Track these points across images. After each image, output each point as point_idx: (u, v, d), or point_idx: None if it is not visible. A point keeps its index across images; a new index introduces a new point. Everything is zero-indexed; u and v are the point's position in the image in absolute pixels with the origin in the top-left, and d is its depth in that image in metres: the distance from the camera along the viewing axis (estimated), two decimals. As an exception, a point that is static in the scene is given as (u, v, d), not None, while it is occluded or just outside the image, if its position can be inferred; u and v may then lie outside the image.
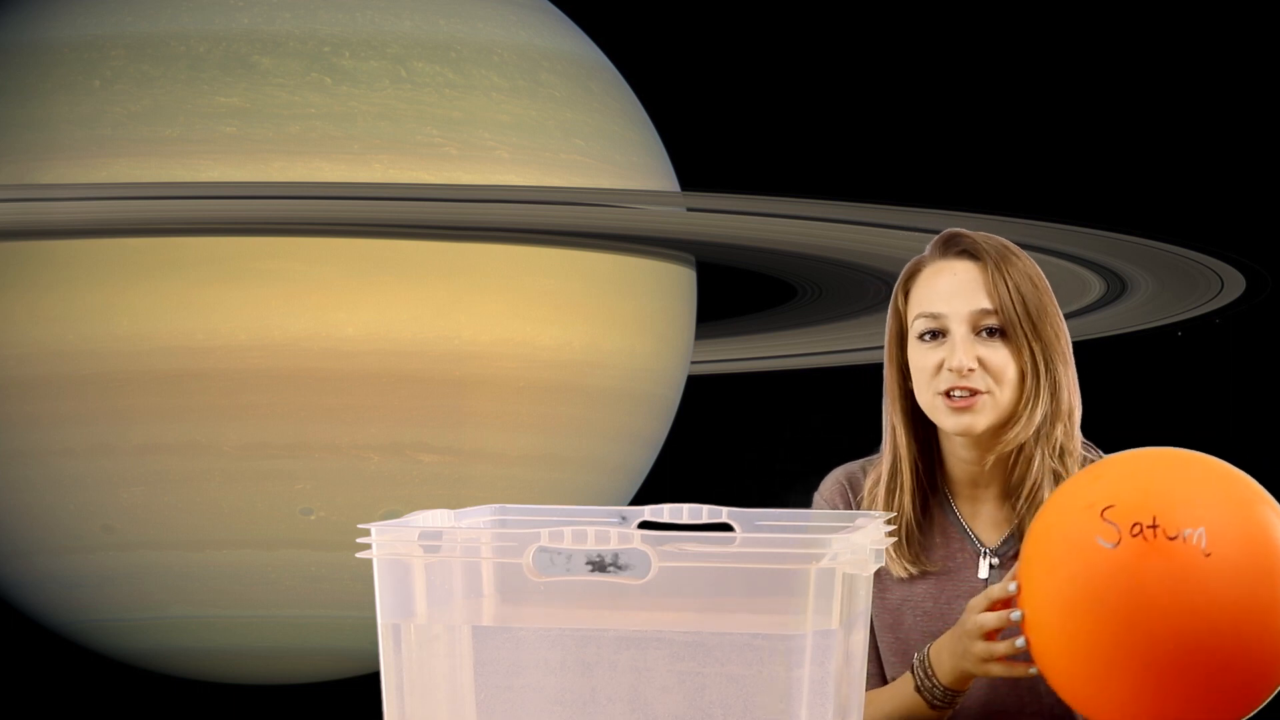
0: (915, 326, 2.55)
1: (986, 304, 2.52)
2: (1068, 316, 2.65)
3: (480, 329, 5.15)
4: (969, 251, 2.55)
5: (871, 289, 5.88)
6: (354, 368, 5.08)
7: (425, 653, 2.09)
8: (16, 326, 5.13)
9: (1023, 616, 2.24)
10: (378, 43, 5.18)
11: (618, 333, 5.34)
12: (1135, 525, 2.08)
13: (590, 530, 2.03)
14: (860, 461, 2.69)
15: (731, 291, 5.99)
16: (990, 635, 2.33)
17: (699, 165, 5.70)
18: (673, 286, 5.57)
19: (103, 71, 5.15)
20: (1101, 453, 2.60)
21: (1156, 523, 2.08)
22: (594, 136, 5.37)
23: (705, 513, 2.32)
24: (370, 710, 2.23)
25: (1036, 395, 2.52)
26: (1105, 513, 2.11)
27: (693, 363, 5.75)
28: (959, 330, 2.52)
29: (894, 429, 2.60)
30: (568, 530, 2.03)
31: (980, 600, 2.33)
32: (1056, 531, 2.16)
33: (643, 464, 5.67)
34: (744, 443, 6.36)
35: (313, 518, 5.16)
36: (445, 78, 5.20)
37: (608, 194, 5.35)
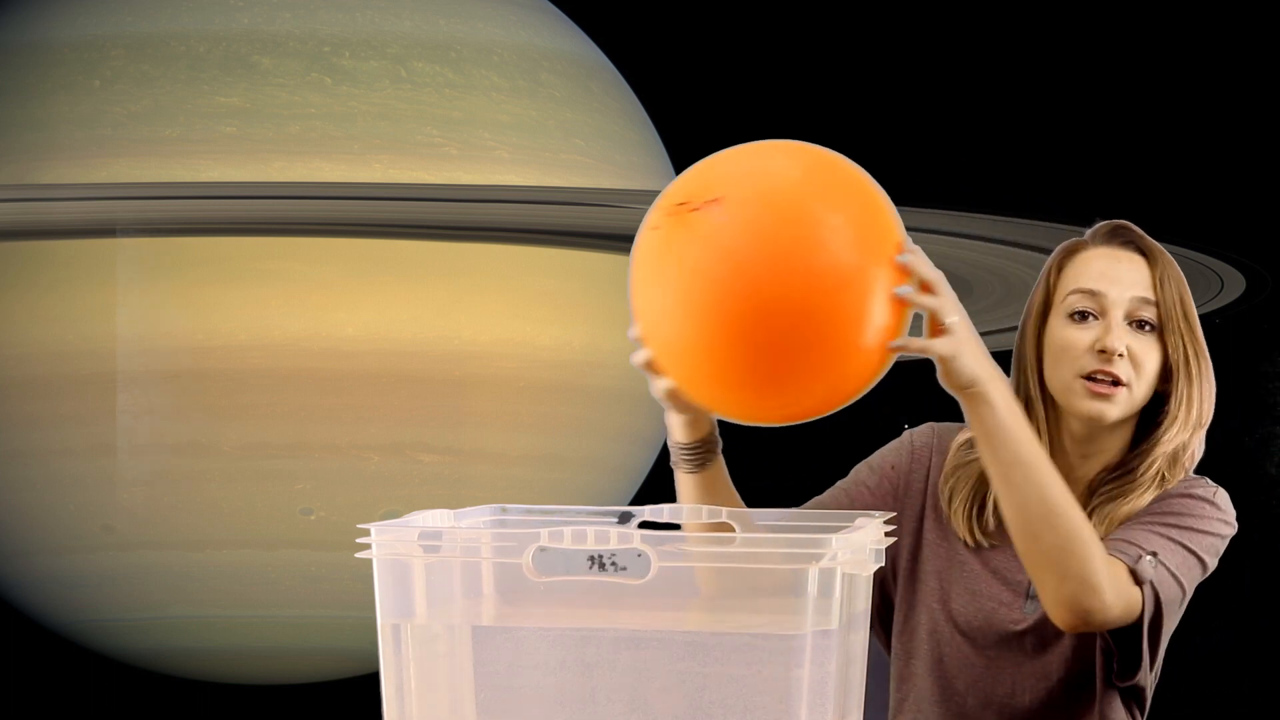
0: (1067, 303, 2.53)
1: (1149, 294, 2.51)
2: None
3: (480, 329, 5.15)
4: (1137, 246, 2.55)
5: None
6: (354, 368, 5.08)
7: (425, 653, 2.09)
8: (16, 326, 5.14)
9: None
10: (378, 43, 5.18)
11: (618, 333, 5.32)
12: (675, 207, 2.19)
13: (590, 530, 2.03)
14: (955, 425, 2.66)
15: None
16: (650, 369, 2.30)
17: (699, 165, 5.69)
18: (673, 286, 5.56)
19: (103, 71, 5.15)
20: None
21: (688, 200, 2.18)
22: (594, 136, 5.37)
23: (705, 513, 2.33)
24: (370, 710, 2.23)
25: (1189, 394, 2.52)
26: (661, 202, 2.22)
27: (693, 363, 5.74)
28: (1115, 314, 2.51)
29: (1033, 401, 2.57)
30: (568, 530, 2.03)
31: None
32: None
33: (643, 464, 5.67)
34: (744, 442, 6.35)
35: (313, 518, 5.16)
36: (445, 78, 5.20)
37: (608, 194, 5.35)
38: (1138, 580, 2.41)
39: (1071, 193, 5.91)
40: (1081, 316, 2.52)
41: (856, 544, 2.10)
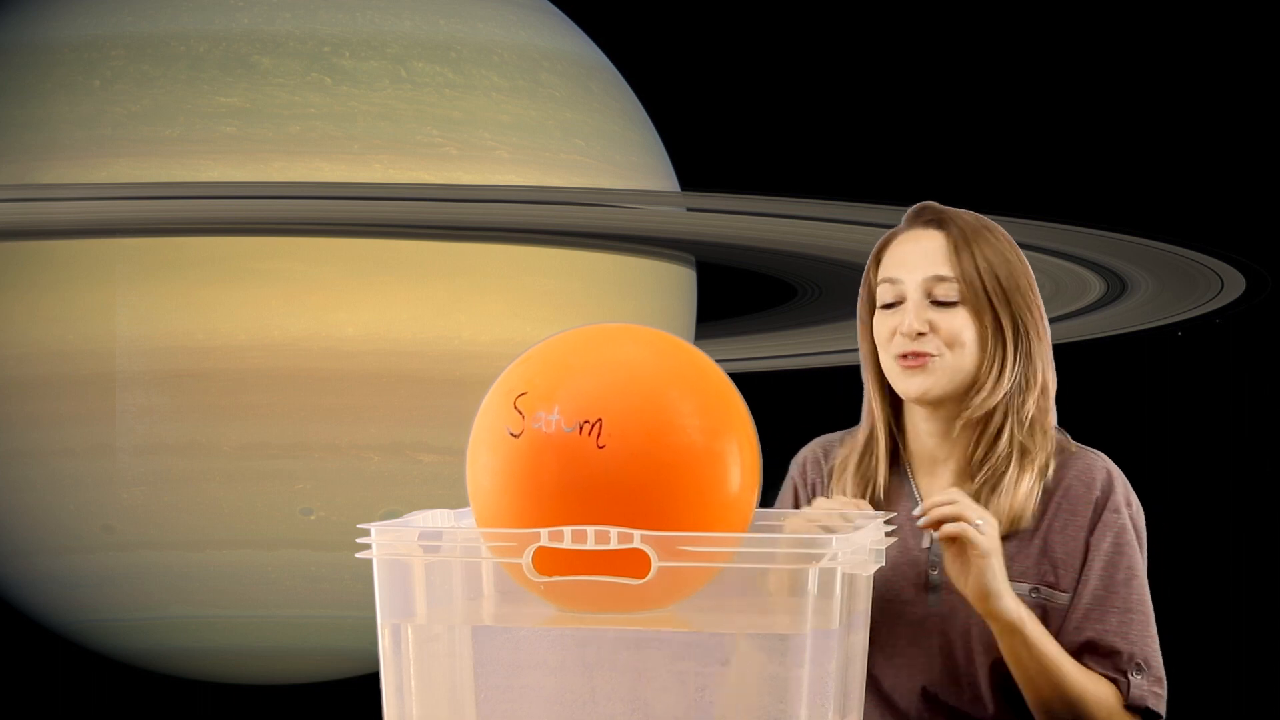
0: (879, 295, 2.57)
1: (944, 271, 2.53)
2: (1068, 316, 2.65)
3: (480, 329, 5.15)
4: (936, 221, 2.57)
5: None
6: (354, 368, 5.08)
7: (425, 653, 2.09)
8: (16, 326, 5.13)
9: None
10: (378, 43, 5.18)
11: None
12: (538, 415, 2.04)
13: (590, 530, 2.02)
14: (841, 433, 2.70)
15: (731, 291, 5.99)
16: None
17: (699, 165, 5.70)
18: (673, 286, 5.57)
19: (103, 71, 5.15)
20: (1069, 438, 2.60)
21: (558, 413, 2.04)
22: (594, 136, 5.37)
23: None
24: (370, 710, 2.23)
25: (1003, 361, 2.52)
26: (517, 401, 2.06)
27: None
28: (913, 295, 2.53)
29: (870, 397, 2.61)
30: (567, 530, 2.03)
31: None
32: (481, 416, 2.12)
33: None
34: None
35: (313, 518, 5.16)
36: (445, 78, 5.20)
37: (608, 194, 5.35)
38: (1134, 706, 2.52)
39: (1072, 192, 5.91)
40: (890, 306, 2.55)
41: (856, 544, 2.10)
